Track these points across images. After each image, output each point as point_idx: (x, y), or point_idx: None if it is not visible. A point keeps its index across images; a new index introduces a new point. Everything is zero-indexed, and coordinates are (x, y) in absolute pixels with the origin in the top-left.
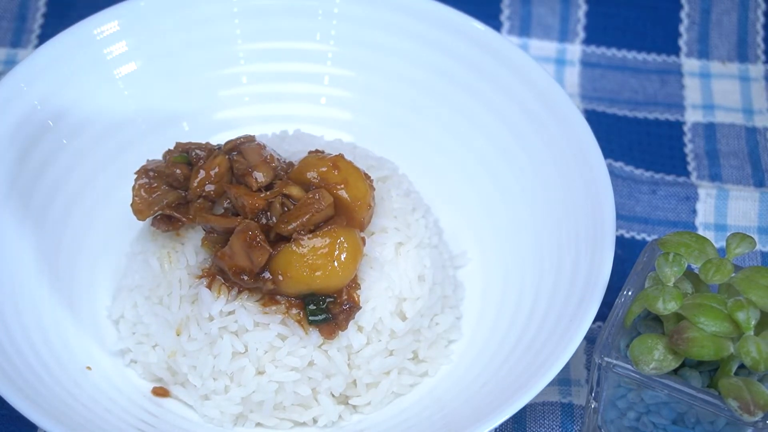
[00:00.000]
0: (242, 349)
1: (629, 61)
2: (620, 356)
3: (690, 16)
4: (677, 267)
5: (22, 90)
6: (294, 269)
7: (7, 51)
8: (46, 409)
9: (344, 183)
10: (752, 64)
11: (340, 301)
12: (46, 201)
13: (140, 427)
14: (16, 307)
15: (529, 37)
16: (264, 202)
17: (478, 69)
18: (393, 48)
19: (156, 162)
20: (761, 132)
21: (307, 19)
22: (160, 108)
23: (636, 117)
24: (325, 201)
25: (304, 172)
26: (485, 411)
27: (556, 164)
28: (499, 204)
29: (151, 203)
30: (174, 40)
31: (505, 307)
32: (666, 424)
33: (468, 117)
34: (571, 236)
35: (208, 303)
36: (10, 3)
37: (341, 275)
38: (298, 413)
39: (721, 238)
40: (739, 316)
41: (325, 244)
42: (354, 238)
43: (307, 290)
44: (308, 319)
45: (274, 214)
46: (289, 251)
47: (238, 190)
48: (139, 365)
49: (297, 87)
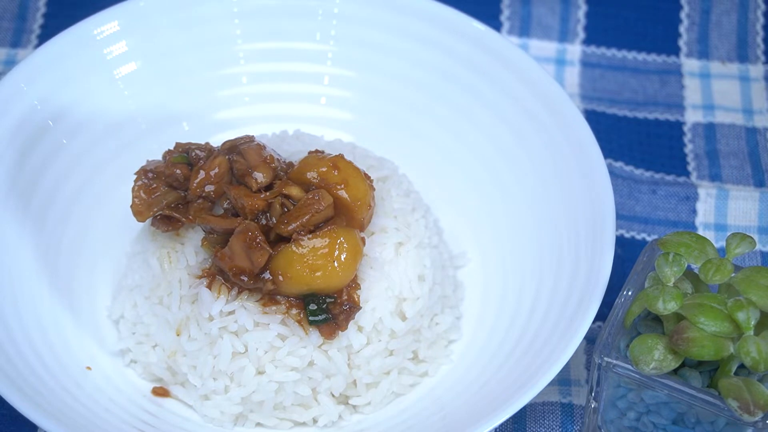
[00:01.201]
0: (242, 349)
1: (629, 61)
2: (620, 356)
3: (690, 16)
4: (677, 267)
5: (22, 90)
6: (294, 270)
7: (7, 51)
8: (46, 409)
9: (344, 183)
10: (752, 64)
11: (340, 302)
12: (46, 201)
13: (140, 427)
14: (16, 307)
15: (529, 37)
16: (264, 203)
17: (478, 69)
18: (393, 48)
19: (156, 162)
20: (761, 132)
21: (307, 19)
22: (160, 108)
23: (636, 117)
24: (324, 201)
25: (304, 173)
26: (485, 411)
27: (556, 164)
28: (499, 204)
29: (151, 204)
30: (174, 40)
31: (505, 307)
32: (666, 424)
33: (468, 117)
34: (571, 236)
35: (208, 303)
36: (10, 3)
37: (341, 275)
38: (298, 413)
39: (721, 238)
40: (739, 316)
41: (324, 245)
42: (354, 239)
43: (308, 290)
44: (308, 319)
45: (273, 215)
46: (289, 252)
47: (237, 191)
48: (139, 365)
49: (297, 87)
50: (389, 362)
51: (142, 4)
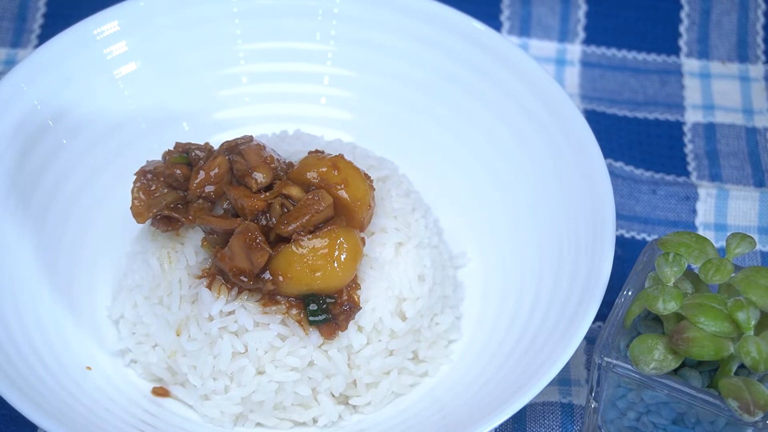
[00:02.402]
0: (242, 349)
1: (629, 61)
2: (620, 356)
3: (690, 16)
4: (677, 267)
5: (22, 90)
6: (294, 270)
7: (8, 51)
8: (46, 409)
9: (344, 183)
10: (752, 64)
11: (340, 302)
12: (46, 201)
13: (140, 427)
14: (16, 307)
15: (529, 37)
16: (264, 203)
17: (478, 69)
18: (393, 48)
19: (155, 163)
20: (761, 132)
21: (307, 19)
22: (160, 108)
23: (636, 117)
24: (324, 202)
25: (304, 173)
26: (485, 411)
27: (556, 164)
28: (499, 204)
29: (151, 205)
30: (174, 40)
31: (505, 307)
32: (666, 424)
33: (468, 117)
34: (571, 236)
35: (208, 303)
36: (10, 3)
37: (341, 276)
38: (298, 413)
39: (721, 238)
40: (739, 316)
41: (324, 245)
42: (354, 239)
43: (308, 291)
44: (308, 319)
45: (273, 216)
46: (289, 252)
47: (237, 192)
48: (139, 365)
49: (297, 87)
50: (389, 362)
51: (142, 4)
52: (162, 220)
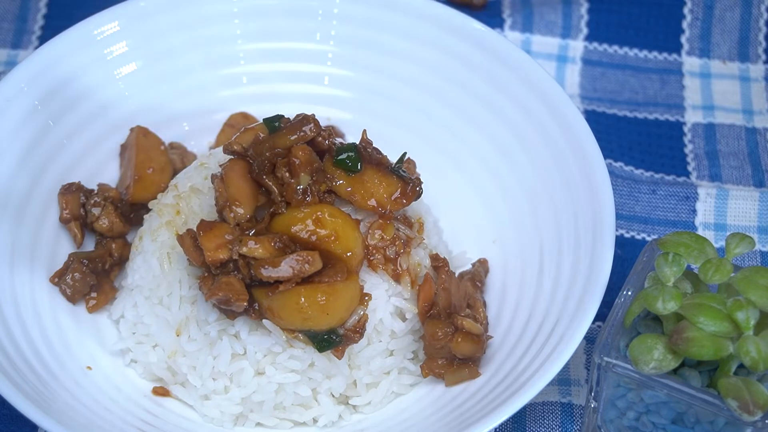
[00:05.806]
0: (241, 350)
1: (630, 59)
2: (620, 356)
3: (693, 11)
4: (677, 267)
5: (22, 90)
6: (287, 314)
7: (8, 52)
8: (46, 408)
9: (333, 236)
10: (753, 64)
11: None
12: (46, 201)
13: (140, 427)
14: (16, 306)
15: (532, 33)
16: (228, 255)
17: (478, 69)
18: (393, 48)
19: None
20: (761, 132)
21: (307, 19)
22: (160, 108)
23: (636, 117)
24: (313, 267)
25: (289, 226)
26: (485, 411)
27: (556, 164)
28: (499, 204)
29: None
30: (174, 40)
31: (505, 307)
32: (666, 423)
33: (468, 117)
34: (571, 236)
35: (208, 305)
36: (10, 4)
37: (337, 321)
38: (298, 413)
39: (721, 238)
40: (738, 316)
41: (321, 298)
42: (352, 292)
43: (301, 329)
44: (317, 347)
45: (243, 273)
46: (282, 297)
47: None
48: (139, 365)
49: (297, 87)
50: (389, 362)
51: (142, 4)
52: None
